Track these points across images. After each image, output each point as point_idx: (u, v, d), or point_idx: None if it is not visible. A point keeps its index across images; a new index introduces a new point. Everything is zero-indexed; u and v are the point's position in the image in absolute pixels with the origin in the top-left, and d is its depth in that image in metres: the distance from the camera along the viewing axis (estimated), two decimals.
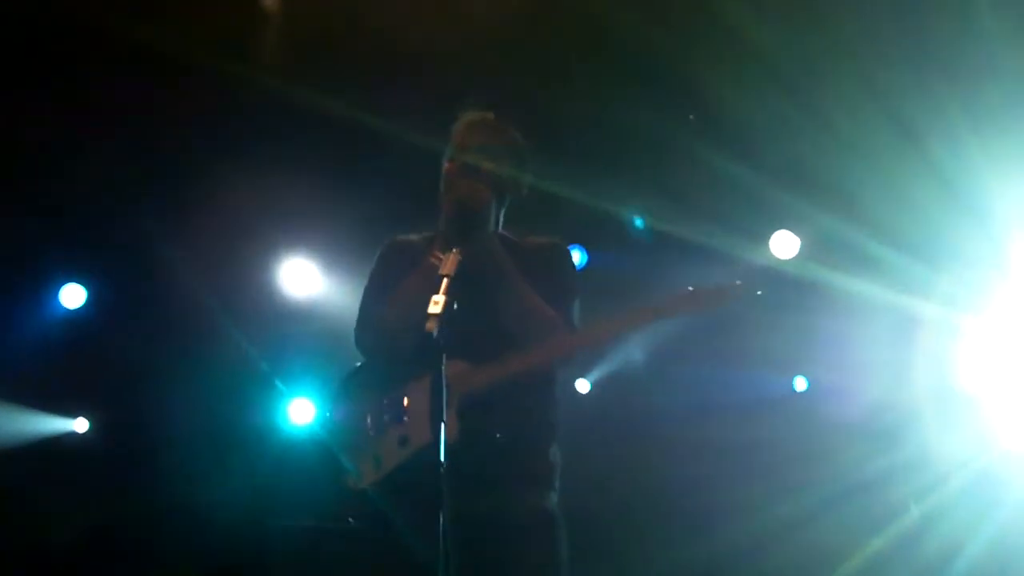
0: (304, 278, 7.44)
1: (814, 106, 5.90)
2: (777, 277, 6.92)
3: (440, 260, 3.31)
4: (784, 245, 7.19)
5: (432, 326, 3.03)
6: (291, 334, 7.41)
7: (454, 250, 3.28)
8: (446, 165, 3.72)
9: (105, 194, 6.71)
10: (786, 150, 6.38)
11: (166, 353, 7.22)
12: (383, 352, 3.66)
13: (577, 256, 7.08)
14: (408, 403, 3.55)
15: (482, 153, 3.66)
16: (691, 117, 6.35)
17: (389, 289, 3.65)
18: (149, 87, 6.13)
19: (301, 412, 7.40)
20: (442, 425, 3.06)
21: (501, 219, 3.77)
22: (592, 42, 5.95)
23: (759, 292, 3.80)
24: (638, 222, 7.50)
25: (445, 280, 3.15)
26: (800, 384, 7.85)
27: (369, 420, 3.62)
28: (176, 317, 7.20)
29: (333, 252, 7.31)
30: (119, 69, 6.04)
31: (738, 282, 3.69)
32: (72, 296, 7.43)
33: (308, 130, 6.38)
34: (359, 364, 3.78)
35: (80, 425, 7.66)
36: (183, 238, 6.88)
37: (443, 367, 3.10)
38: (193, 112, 6.34)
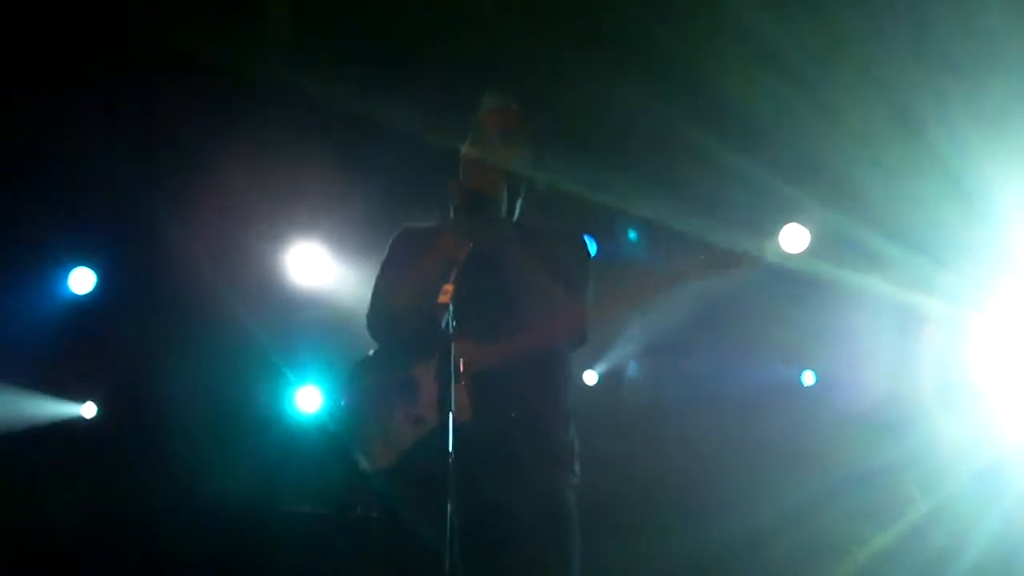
0: (313, 263, 7.40)
1: (818, 99, 5.88)
2: (785, 272, 6.67)
3: (450, 247, 3.45)
4: (794, 239, 7.10)
5: (441, 315, 3.15)
6: (300, 320, 7.42)
7: (464, 238, 3.42)
8: (464, 151, 3.75)
9: (114, 180, 6.65)
10: (790, 143, 6.35)
11: (175, 339, 7.22)
12: (394, 339, 3.69)
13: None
14: (420, 384, 3.56)
15: (501, 141, 3.69)
16: (700, 102, 6.27)
17: (401, 276, 3.68)
18: (154, 72, 6.16)
19: (308, 400, 7.42)
20: (450, 415, 3.09)
21: (518, 208, 3.78)
22: (593, 32, 5.93)
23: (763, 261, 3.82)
24: (632, 235, 7.58)
25: (454, 268, 3.26)
26: (808, 379, 7.92)
27: (382, 402, 3.64)
28: (185, 303, 7.20)
29: (342, 237, 7.28)
30: (124, 54, 6.08)
31: (742, 252, 3.74)
32: (81, 281, 7.43)
33: (318, 114, 6.38)
34: (372, 351, 3.80)
35: (88, 410, 7.67)
36: (192, 224, 6.88)
37: (452, 356, 3.15)
38: (200, 97, 6.37)
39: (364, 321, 3.80)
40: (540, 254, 3.66)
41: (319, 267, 7.40)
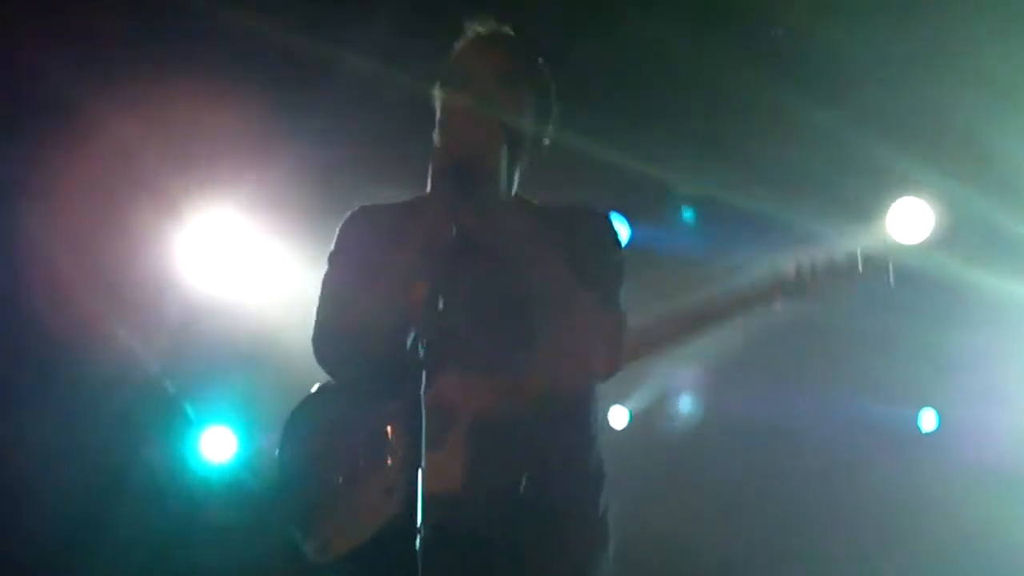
0: (220, 249, 6.99)
1: (936, 38, 5.99)
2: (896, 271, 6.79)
3: (429, 234, 3.34)
4: (909, 222, 6.93)
5: (413, 331, 3.07)
6: (204, 333, 7.11)
7: (449, 220, 3.28)
8: (442, 97, 3.52)
9: None
10: (899, 98, 6.39)
11: (33, 371, 6.95)
12: (353, 369, 3.50)
13: (623, 232, 6.99)
14: (392, 437, 3.36)
15: (495, 82, 3.49)
16: (780, 32, 6.40)
17: (357, 278, 3.50)
18: None
19: (218, 445, 7.32)
20: (419, 471, 2.94)
21: (517, 178, 3.59)
22: None
23: (889, 272, 3.74)
24: (686, 214, 7.84)
25: (436, 263, 3.19)
26: (928, 421, 7.93)
27: (340, 462, 3.44)
28: (47, 317, 6.75)
29: (264, 212, 6.94)
30: None
31: (854, 256, 3.58)
32: None
33: (233, 44, 6.19)
34: (317, 387, 3.60)
35: None
36: (55, 196, 6.54)
37: (422, 391, 3.00)
38: (75, 24, 6.16)
39: (303, 339, 3.64)
40: (556, 245, 3.48)
41: (228, 253, 7.06)
